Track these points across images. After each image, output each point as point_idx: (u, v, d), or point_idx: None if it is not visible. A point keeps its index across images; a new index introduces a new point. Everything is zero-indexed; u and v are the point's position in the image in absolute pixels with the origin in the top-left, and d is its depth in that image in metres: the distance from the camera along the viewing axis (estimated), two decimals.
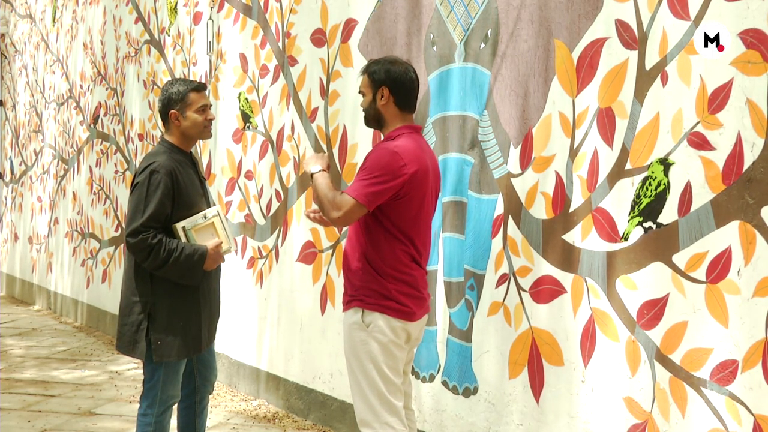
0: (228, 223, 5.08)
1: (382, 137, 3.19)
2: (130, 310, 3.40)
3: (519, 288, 3.56)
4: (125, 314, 3.42)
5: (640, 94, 3.07)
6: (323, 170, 3.13)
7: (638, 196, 3.06)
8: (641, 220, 3.05)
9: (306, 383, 4.99)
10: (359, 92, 3.22)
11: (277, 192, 5.29)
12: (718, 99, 2.80)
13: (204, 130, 3.53)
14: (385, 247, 3.04)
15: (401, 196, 3.01)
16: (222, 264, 3.58)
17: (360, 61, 4.51)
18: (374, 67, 3.16)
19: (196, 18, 6.31)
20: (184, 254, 3.33)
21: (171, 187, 3.36)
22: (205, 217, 3.47)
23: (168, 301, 3.39)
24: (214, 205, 3.68)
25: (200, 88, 3.52)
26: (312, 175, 3.13)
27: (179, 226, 3.39)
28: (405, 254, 3.07)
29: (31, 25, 10.70)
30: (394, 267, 3.05)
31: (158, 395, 3.42)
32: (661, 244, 2.98)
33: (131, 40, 7.56)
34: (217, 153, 6.00)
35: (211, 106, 3.59)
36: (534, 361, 3.50)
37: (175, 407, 3.59)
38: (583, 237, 3.28)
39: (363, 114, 3.22)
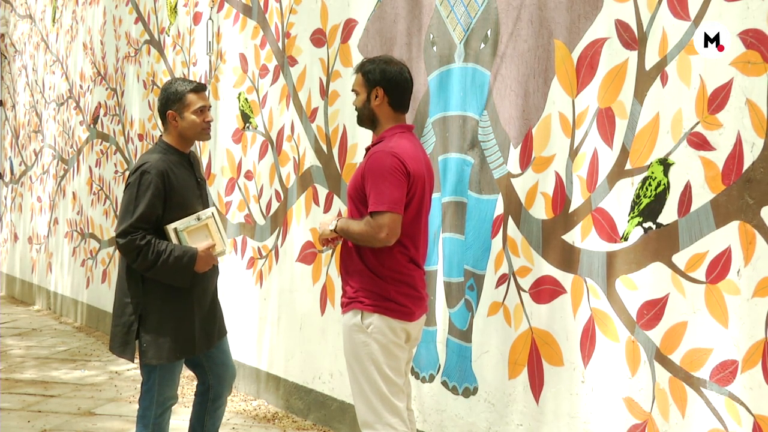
0: (224, 225, 5.06)
1: (375, 136, 3.19)
2: (122, 311, 3.39)
3: (519, 288, 3.56)
4: (117, 315, 3.41)
5: (640, 94, 3.07)
6: (335, 218, 3.16)
7: (638, 196, 3.06)
8: (641, 220, 3.05)
9: (306, 383, 4.98)
10: (352, 90, 3.22)
11: (276, 192, 5.29)
12: (717, 99, 2.79)
13: (202, 132, 3.50)
14: (383, 250, 3.03)
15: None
16: (221, 264, 3.57)
17: None
18: (369, 67, 3.15)
19: (196, 18, 6.31)
20: (173, 256, 3.31)
21: (162, 188, 3.34)
22: (199, 219, 3.44)
23: (159, 302, 3.37)
24: (212, 206, 3.66)
25: (199, 89, 3.49)
26: (335, 230, 3.13)
27: (171, 227, 3.37)
28: (403, 255, 3.06)
29: (31, 25, 10.69)
30: (392, 269, 3.05)
31: (155, 397, 3.42)
32: (660, 245, 2.98)
33: (131, 40, 7.56)
34: (216, 153, 6.00)
35: (210, 107, 3.56)
36: (534, 361, 3.49)
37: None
38: (582, 237, 3.28)
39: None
